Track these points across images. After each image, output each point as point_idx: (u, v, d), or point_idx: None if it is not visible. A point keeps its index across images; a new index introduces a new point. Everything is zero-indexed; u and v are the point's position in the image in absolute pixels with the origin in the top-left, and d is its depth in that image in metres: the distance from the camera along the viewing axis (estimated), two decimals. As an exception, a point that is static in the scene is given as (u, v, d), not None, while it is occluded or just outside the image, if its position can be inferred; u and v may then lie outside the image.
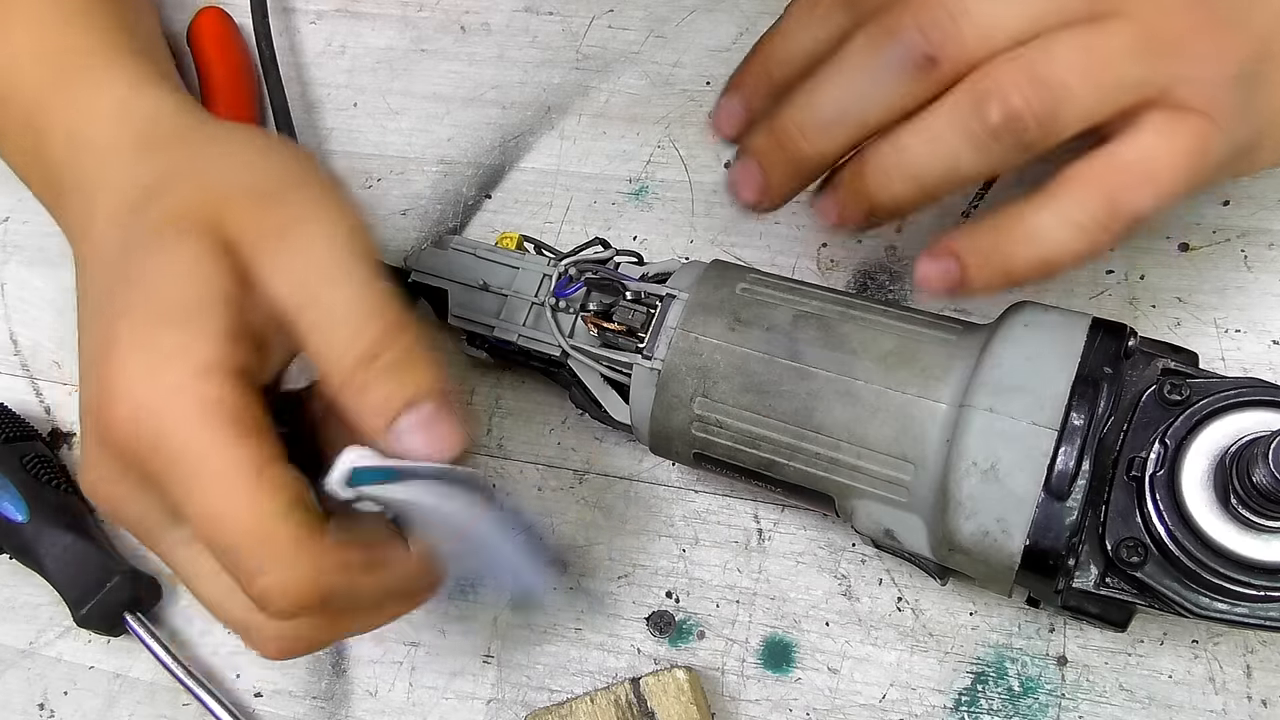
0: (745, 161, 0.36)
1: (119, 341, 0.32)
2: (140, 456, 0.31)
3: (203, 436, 0.31)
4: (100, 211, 0.36)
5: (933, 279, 0.34)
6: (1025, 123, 0.31)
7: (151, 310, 0.32)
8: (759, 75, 0.37)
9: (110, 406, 0.31)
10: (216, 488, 0.31)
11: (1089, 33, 0.31)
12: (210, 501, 0.31)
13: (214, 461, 0.31)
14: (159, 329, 0.32)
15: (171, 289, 0.32)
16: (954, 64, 0.32)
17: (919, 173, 0.33)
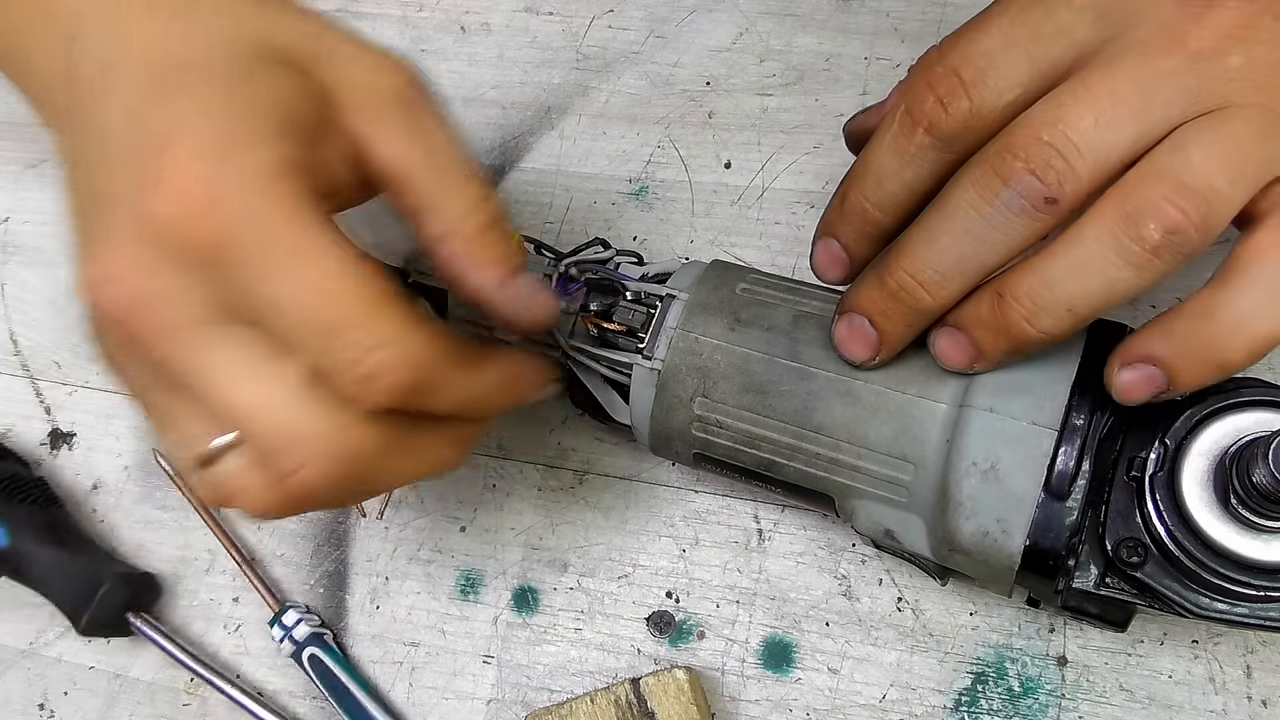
0: (853, 318, 0.36)
1: (190, 127, 0.30)
2: (206, 239, 0.29)
3: (296, 219, 0.29)
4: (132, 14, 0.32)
5: (1137, 388, 0.33)
6: (1187, 234, 0.30)
7: (233, 110, 0.30)
8: (856, 220, 0.36)
9: (173, 180, 0.29)
10: (318, 268, 0.29)
11: (1211, 129, 0.31)
12: (311, 282, 0.29)
13: (312, 243, 0.29)
14: (237, 122, 0.30)
15: (255, 99, 0.30)
16: (1074, 199, 0.31)
17: (1075, 303, 0.32)
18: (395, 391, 0.30)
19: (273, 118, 0.30)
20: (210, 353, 0.30)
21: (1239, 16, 0.31)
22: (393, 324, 0.30)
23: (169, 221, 0.29)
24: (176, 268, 0.30)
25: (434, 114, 0.34)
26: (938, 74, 0.33)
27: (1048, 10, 0.33)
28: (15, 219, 0.57)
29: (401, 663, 0.47)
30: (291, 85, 0.31)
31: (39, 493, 0.50)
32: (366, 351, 0.29)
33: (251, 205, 0.29)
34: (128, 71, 0.31)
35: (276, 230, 0.29)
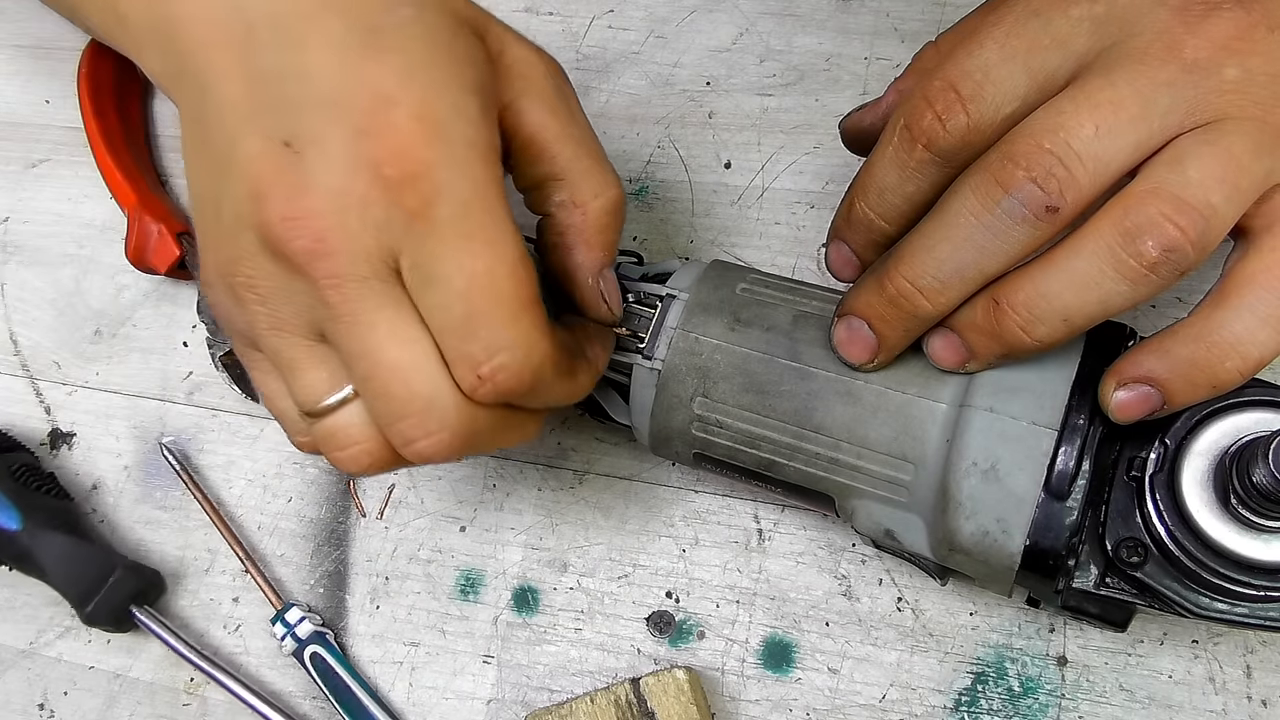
0: (851, 321, 0.36)
1: (413, 84, 0.31)
2: (413, 198, 0.30)
3: (493, 202, 0.31)
4: None
5: (1132, 407, 0.33)
6: (1184, 251, 0.31)
7: (451, 75, 0.31)
8: (862, 229, 0.37)
9: (396, 135, 0.30)
10: (493, 254, 0.31)
11: (1209, 144, 0.31)
12: (483, 266, 0.31)
13: (497, 230, 0.31)
14: (463, 93, 0.31)
15: (467, 65, 0.32)
16: (1075, 208, 0.31)
17: (1070, 314, 0.32)
18: (508, 393, 0.32)
19: (477, 91, 0.32)
20: (374, 305, 0.31)
21: (1234, 28, 0.31)
22: (527, 332, 0.31)
23: (382, 173, 0.30)
24: (373, 218, 0.30)
25: (578, 101, 0.37)
26: (935, 89, 0.33)
27: (1045, 22, 0.33)
28: (15, 219, 0.57)
29: (401, 663, 0.47)
30: (481, 54, 0.33)
31: (52, 484, 0.50)
32: (496, 351, 0.31)
33: (458, 180, 0.31)
34: (327, 23, 0.31)
35: (471, 210, 0.31)
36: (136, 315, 0.54)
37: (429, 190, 0.30)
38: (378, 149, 0.30)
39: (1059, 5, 0.33)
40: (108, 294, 0.55)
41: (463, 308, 0.31)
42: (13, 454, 0.51)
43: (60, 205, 0.57)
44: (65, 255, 0.56)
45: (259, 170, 0.31)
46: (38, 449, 0.53)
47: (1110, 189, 0.32)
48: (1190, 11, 0.32)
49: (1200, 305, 0.33)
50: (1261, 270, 0.32)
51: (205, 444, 0.52)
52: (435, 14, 0.33)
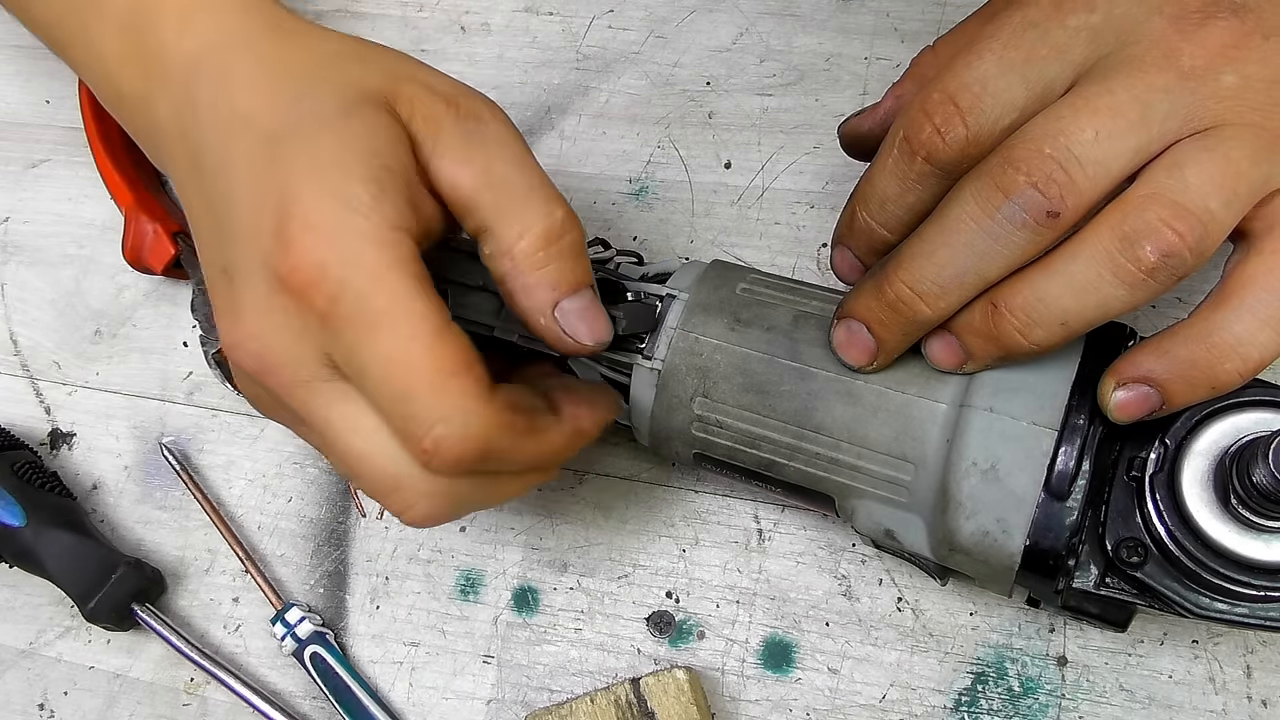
0: (851, 324, 0.36)
1: (302, 194, 0.32)
2: (318, 300, 0.32)
3: (392, 285, 0.32)
4: (239, 81, 0.35)
5: (1131, 407, 0.33)
6: (1182, 256, 0.31)
7: (340, 167, 0.32)
8: (865, 237, 0.37)
9: (293, 249, 0.32)
10: (402, 334, 0.31)
11: (1207, 149, 0.31)
12: (395, 348, 0.31)
13: (401, 310, 0.31)
14: (350, 184, 0.32)
15: (359, 150, 0.33)
16: (1075, 213, 0.31)
17: (1068, 318, 0.32)
18: (459, 463, 0.32)
19: (377, 173, 0.33)
20: (327, 405, 0.34)
21: (1230, 36, 0.32)
22: (458, 399, 0.32)
23: (291, 284, 0.32)
24: (297, 326, 0.33)
25: (499, 137, 0.35)
26: (934, 101, 0.33)
27: (1042, 33, 0.33)
28: (15, 219, 0.57)
29: (401, 663, 0.47)
30: (386, 131, 0.34)
31: (54, 482, 0.50)
32: (431, 425, 0.32)
33: (353, 274, 0.32)
34: (243, 138, 0.34)
35: (372, 295, 0.32)
36: (136, 315, 0.54)
37: (330, 290, 0.32)
38: (281, 265, 0.32)
39: (1056, 16, 0.33)
40: (108, 294, 0.55)
41: (388, 390, 0.32)
42: (15, 451, 0.51)
43: (60, 205, 0.57)
44: (65, 255, 0.56)
45: (214, 299, 0.35)
46: (38, 449, 0.53)
47: (1109, 194, 0.32)
48: (1186, 20, 0.32)
49: (1200, 306, 0.33)
50: (1262, 272, 0.32)
51: (205, 444, 0.52)
52: (332, 104, 0.34)
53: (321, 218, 0.32)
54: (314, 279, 0.32)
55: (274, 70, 0.35)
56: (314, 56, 0.36)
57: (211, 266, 0.35)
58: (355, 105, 0.34)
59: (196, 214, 0.36)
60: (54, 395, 0.54)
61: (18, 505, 0.48)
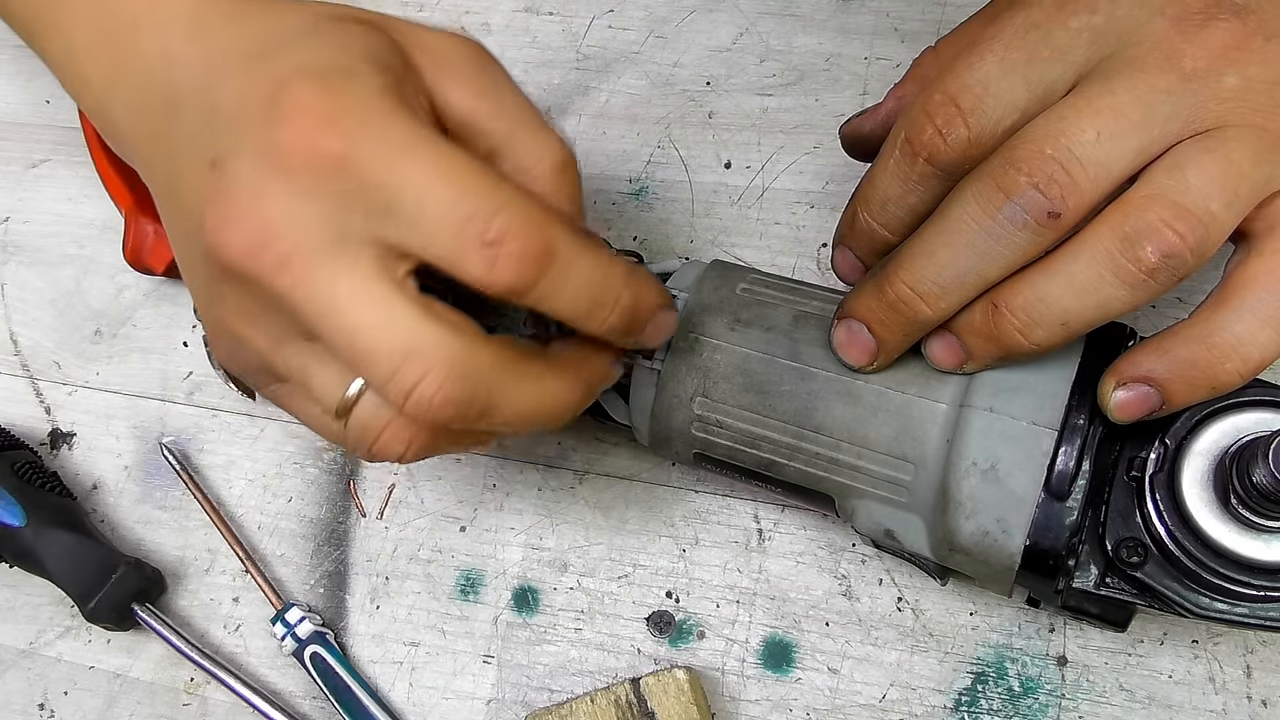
0: (851, 324, 0.36)
1: (297, 75, 0.31)
2: (333, 144, 0.30)
3: (410, 121, 0.31)
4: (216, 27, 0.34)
5: (1131, 407, 0.33)
6: (1183, 257, 0.31)
7: (336, 49, 0.31)
8: (866, 237, 0.37)
9: (294, 115, 0.30)
10: (429, 158, 0.30)
11: (1208, 150, 0.31)
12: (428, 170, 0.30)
13: (426, 136, 0.30)
14: (349, 58, 0.31)
15: (354, 46, 0.32)
16: (1076, 213, 0.31)
17: (1069, 319, 0.32)
18: (528, 256, 0.30)
19: (369, 60, 0.31)
20: (330, 279, 0.30)
21: (1231, 38, 0.32)
22: (513, 192, 0.30)
23: (292, 144, 0.30)
24: (303, 195, 0.30)
25: (505, 75, 0.35)
26: (935, 103, 0.33)
27: (1044, 34, 0.33)
28: (15, 219, 0.57)
29: (401, 663, 0.47)
30: (379, 39, 0.33)
31: (55, 482, 0.50)
32: (494, 214, 0.30)
33: (369, 116, 0.30)
34: (228, 65, 0.33)
35: (394, 132, 0.30)
36: (136, 315, 0.54)
37: (344, 134, 0.30)
38: (285, 122, 0.30)
39: (1057, 17, 0.33)
40: (108, 294, 0.55)
41: (431, 211, 0.30)
42: (16, 451, 0.51)
43: (60, 205, 0.57)
44: (65, 255, 0.56)
45: (196, 200, 0.32)
46: (38, 449, 0.53)
47: (1110, 195, 0.32)
48: (1188, 21, 0.32)
49: (1201, 306, 0.33)
50: (1263, 272, 0.32)
51: (205, 444, 0.52)
52: (328, 20, 0.33)
53: (321, 81, 0.30)
54: (321, 133, 0.30)
55: (253, 9, 0.34)
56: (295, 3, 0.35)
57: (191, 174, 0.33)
58: (354, 23, 0.33)
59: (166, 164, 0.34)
60: (54, 395, 0.54)
61: (18, 505, 0.48)
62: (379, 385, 0.31)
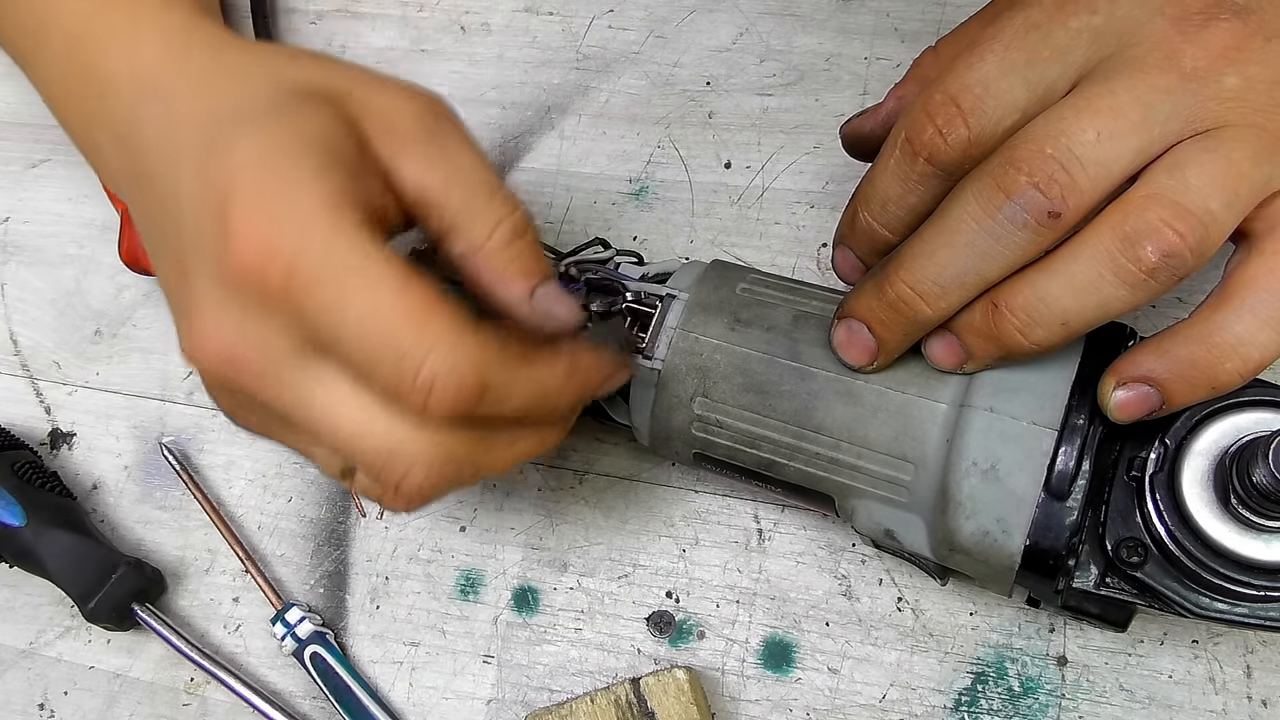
0: (851, 324, 0.36)
1: (244, 180, 0.32)
2: (274, 278, 0.31)
3: (347, 245, 0.31)
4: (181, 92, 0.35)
5: (1131, 407, 0.33)
6: (1183, 256, 0.31)
7: (281, 150, 0.32)
8: (866, 237, 0.37)
9: (239, 235, 0.31)
10: (367, 288, 0.31)
11: (1208, 150, 0.31)
12: (364, 301, 0.31)
13: (361, 265, 0.31)
14: (292, 163, 0.32)
15: (301, 134, 0.32)
16: (1076, 213, 0.31)
17: (1069, 318, 0.32)
18: (459, 397, 0.31)
19: (318, 153, 0.32)
20: (304, 389, 0.32)
21: (1232, 38, 0.32)
22: (442, 329, 0.31)
23: (242, 273, 0.31)
24: (258, 315, 0.32)
25: (458, 136, 0.35)
26: (936, 102, 0.33)
27: (1044, 34, 0.33)
28: (15, 219, 0.57)
29: (401, 663, 0.47)
30: (330, 118, 0.33)
31: (54, 482, 0.50)
32: (422, 359, 0.31)
33: (307, 238, 0.31)
34: (183, 139, 0.34)
35: (330, 255, 0.31)
36: (136, 315, 0.54)
37: (286, 263, 0.31)
38: (229, 254, 0.31)
39: (1058, 17, 0.33)
40: (108, 294, 0.55)
41: (368, 345, 0.31)
42: (16, 451, 0.51)
43: (60, 205, 0.57)
44: (65, 255, 0.56)
45: (173, 306, 0.34)
46: (38, 449, 0.53)
47: (1110, 195, 0.32)
48: (1188, 22, 0.32)
49: (1201, 306, 0.33)
50: (1263, 272, 0.32)
51: (205, 444, 0.52)
52: (270, 95, 0.33)
53: (265, 197, 0.31)
54: (265, 260, 0.31)
55: (214, 76, 0.35)
56: (255, 59, 0.36)
57: (166, 278, 0.35)
58: (297, 97, 0.33)
59: (146, 229, 0.36)
60: (54, 395, 0.54)
61: (18, 505, 0.48)
62: (371, 476, 0.34)
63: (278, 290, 0.31)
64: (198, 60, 0.36)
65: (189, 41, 0.37)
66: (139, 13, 0.38)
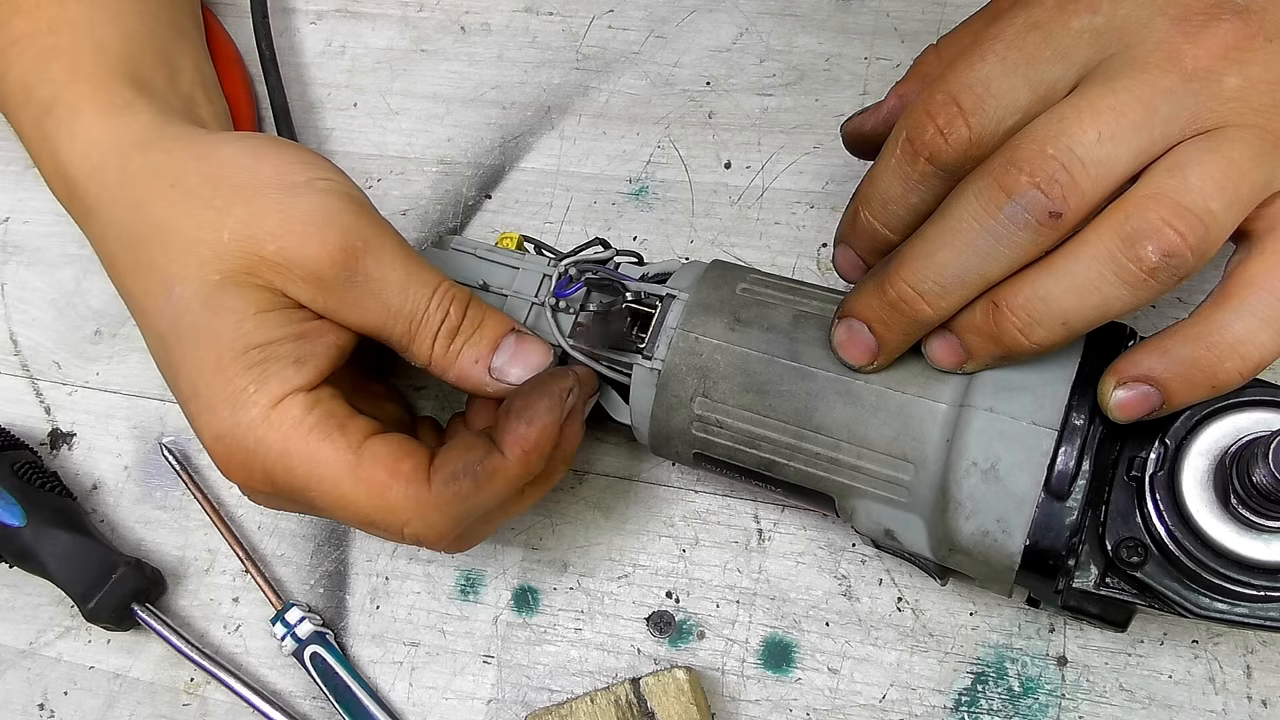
0: (852, 324, 0.36)
1: (199, 405, 0.37)
2: (261, 487, 0.38)
3: (299, 451, 0.36)
4: (118, 262, 0.41)
5: (1131, 406, 0.33)
6: (1184, 256, 0.31)
7: (219, 370, 0.37)
8: (867, 236, 0.37)
9: (216, 458, 0.38)
10: (328, 485, 0.36)
11: (1209, 150, 0.31)
12: (331, 496, 0.37)
13: (316, 465, 0.36)
14: (230, 381, 0.37)
15: (232, 341, 0.37)
16: (1077, 214, 0.31)
17: (1069, 318, 0.32)
18: (441, 540, 0.37)
19: (253, 358, 0.37)
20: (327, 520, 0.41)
21: (1233, 38, 0.32)
22: (401, 498, 0.36)
23: (228, 472, 0.38)
24: (259, 493, 0.39)
25: (376, 257, 0.38)
26: (937, 102, 0.33)
27: (1045, 34, 0.33)
28: (15, 219, 0.57)
29: (401, 663, 0.47)
30: (255, 309, 0.37)
31: (54, 482, 0.50)
32: (400, 529, 0.37)
33: (267, 459, 0.37)
34: (143, 321, 0.40)
35: (290, 469, 0.37)
36: (136, 315, 0.54)
37: (260, 478, 0.37)
38: (219, 465, 0.38)
39: (1059, 17, 0.33)
40: (108, 294, 0.55)
41: (354, 521, 0.37)
42: (15, 451, 0.51)
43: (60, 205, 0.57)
44: (65, 255, 0.56)
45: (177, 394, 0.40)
46: (38, 449, 0.53)
47: (1111, 195, 0.32)
48: (1189, 22, 0.32)
49: (1201, 306, 0.33)
50: (1263, 272, 0.32)
51: (205, 444, 0.52)
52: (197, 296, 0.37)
53: (220, 425, 0.37)
54: (244, 475, 0.38)
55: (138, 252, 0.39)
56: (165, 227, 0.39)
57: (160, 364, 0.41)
58: (219, 291, 0.37)
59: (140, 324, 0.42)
60: (54, 395, 0.54)
61: (18, 505, 0.48)
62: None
63: (269, 493, 0.38)
64: (121, 216, 0.40)
65: (121, 175, 0.41)
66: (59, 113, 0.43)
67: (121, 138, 0.41)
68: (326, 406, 0.37)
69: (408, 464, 0.37)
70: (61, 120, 0.42)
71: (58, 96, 0.43)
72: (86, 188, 0.41)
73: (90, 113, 0.42)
